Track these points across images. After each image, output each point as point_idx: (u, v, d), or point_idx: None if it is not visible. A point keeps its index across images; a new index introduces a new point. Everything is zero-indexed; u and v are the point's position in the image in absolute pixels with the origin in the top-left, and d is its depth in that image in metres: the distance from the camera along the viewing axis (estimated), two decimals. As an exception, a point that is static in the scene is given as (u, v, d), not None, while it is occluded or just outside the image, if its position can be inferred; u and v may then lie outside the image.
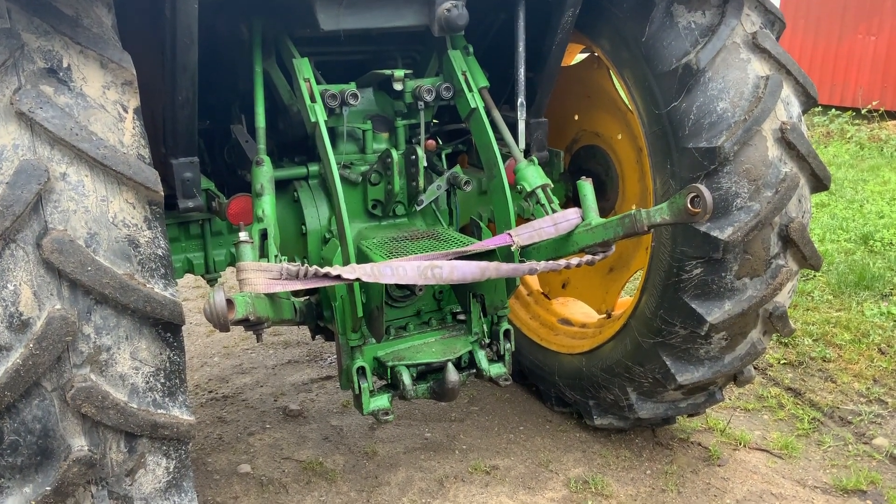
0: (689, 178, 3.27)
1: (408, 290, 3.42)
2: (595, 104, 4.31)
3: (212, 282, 3.59)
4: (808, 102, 3.45)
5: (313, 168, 3.51)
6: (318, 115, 3.09)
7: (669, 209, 2.75)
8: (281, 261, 2.88)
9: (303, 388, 4.89)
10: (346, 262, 3.03)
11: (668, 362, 3.59)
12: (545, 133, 3.94)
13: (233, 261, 3.56)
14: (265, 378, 5.06)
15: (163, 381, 2.38)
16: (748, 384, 3.99)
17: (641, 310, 3.67)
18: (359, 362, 3.19)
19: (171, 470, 2.49)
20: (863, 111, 12.07)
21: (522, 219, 4.03)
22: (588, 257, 3.08)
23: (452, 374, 3.18)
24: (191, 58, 2.83)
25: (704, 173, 3.23)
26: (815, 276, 6.32)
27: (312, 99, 3.12)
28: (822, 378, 4.88)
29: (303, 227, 3.47)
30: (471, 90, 3.42)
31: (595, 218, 3.14)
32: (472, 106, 3.40)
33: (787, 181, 3.25)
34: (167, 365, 2.39)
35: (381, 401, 3.19)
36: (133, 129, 2.40)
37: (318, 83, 3.28)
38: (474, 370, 3.39)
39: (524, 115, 3.61)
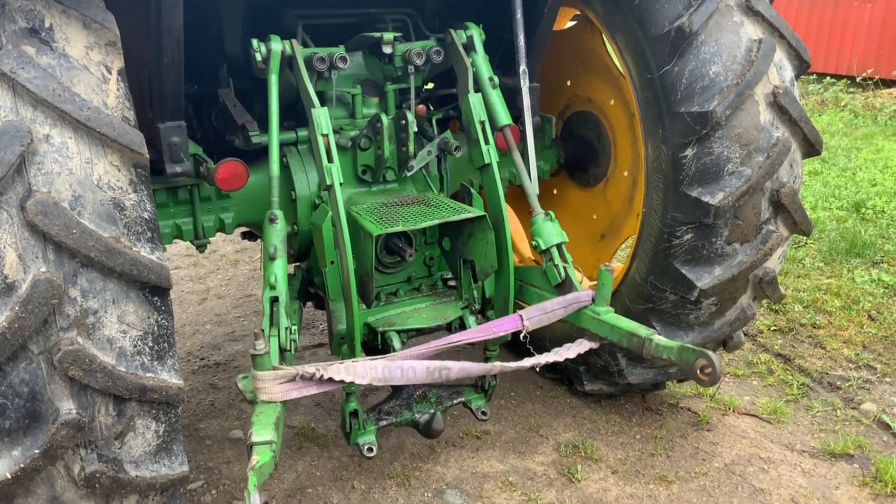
0: (680, 143, 3.25)
1: (398, 257, 3.42)
2: (587, 69, 4.28)
3: (201, 247, 3.57)
4: (802, 67, 3.42)
5: (302, 133, 3.48)
6: (335, 177, 2.99)
7: (679, 356, 2.84)
8: (292, 329, 2.93)
9: (295, 356, 4.88)
10: (337, 225, 3.00)
11: (658, 328, 3.58)
12: (537, 98, 3.91)
13: (221, 227, 3.54)
14: (257, 345, 5.05)
15: (151, 344, 2.37)
16: (738, 350, 4.01)
17: (632, 276, 3.67)
18: (353, 406, 3.25)
19: (160, 433, 2.49)
20: (858, 79, 12.03)
21: (513, 185, 4.03)
22: (587, 345, 3.21)
23: (439, 424, 3.34)
24: (176, 19, 2.78)
25: (696, 138, 3.21)
26: (806, 243, 6.34)
27: (329, 158, 3.02)
28: (811, 344, 4.91)
29: (292, 192, 3.45)
30: (487, 142, 3.33)
31: (605, 311, 3.19)
32: (487, 161, 3.33)
33: (779, 146, 3.24)
34: (155, 328, 2.38)
35: (368, 436, 3.30)
36: (117, 90, 2.36)
37: (307, 46, 3.24)
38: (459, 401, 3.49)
39: (527, 82, 3.58)
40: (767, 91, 3.24)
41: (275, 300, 2.91)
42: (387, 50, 3.34)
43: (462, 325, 3.41)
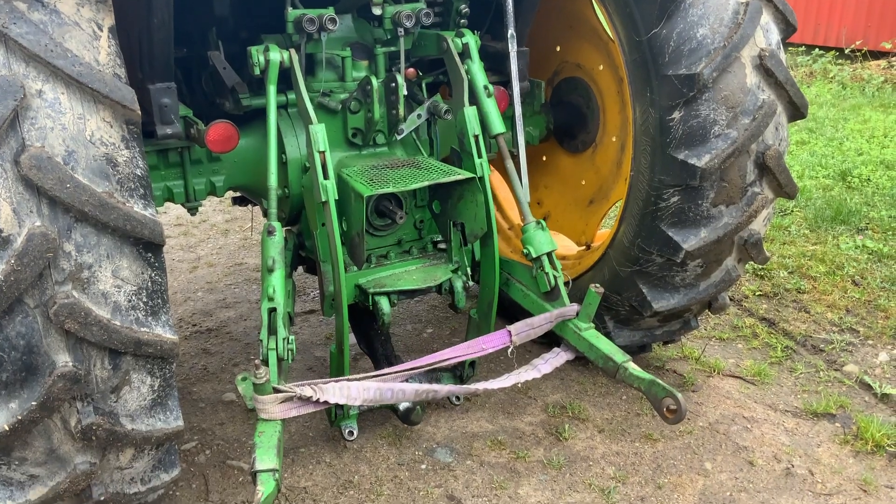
0: (668, 106, 3.28)
1: (389, 219, 3.45)
2: (577, 35, 4.29)
3: (192, 210, 3.59)
4: (788, 30, 3.45)
5: (292, 96, 3.49)
6: (330, 194, 3.01)
7: (648, 390, 3.02)
8: (289, 340, 2.99)
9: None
10: (318, 188, 3.03)
11: (644, 290, 3.65)
12: (526, 63, 3.93)
13: (212, 190, 3.56)
14: (249, 312, 5.10)
15: (145, 299, 2.41)
16: (723, 312, 4.07)
17: (619, 239, 3.72)
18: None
19: (155, 388, 2.53)
20: (846, 51, 12.06)
21: (492, 164, 4.05)
22: (563, 357, 3.36)
23: (417, 417, 3.46)
24: None
25: (683, 101, 3.25)
26: (792, 211, 6.41)
27: (325, 175, 3.02)
28: (796, 308, 4.99)
29: (283, 156, 3.47)
30: (480, 156, 3.35)
31: (587, 328, 3.32)
32: (479, 174, 3.33)
33: (765, 108, 3.28)
34: (149, 284, 2.41)
35: (351, 421, 3.54)
36: (108, 47, 2.38)
37: (296, 8, 3.25)
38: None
39: (515, 46, 3.59)
40: (754, 54, 3.27)
41: (273, 311, 2.96)
42: (376, 11, 3.35)
43: (451, 288, 3.46)
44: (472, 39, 3.47)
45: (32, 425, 2.30)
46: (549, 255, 3.38)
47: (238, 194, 4.25)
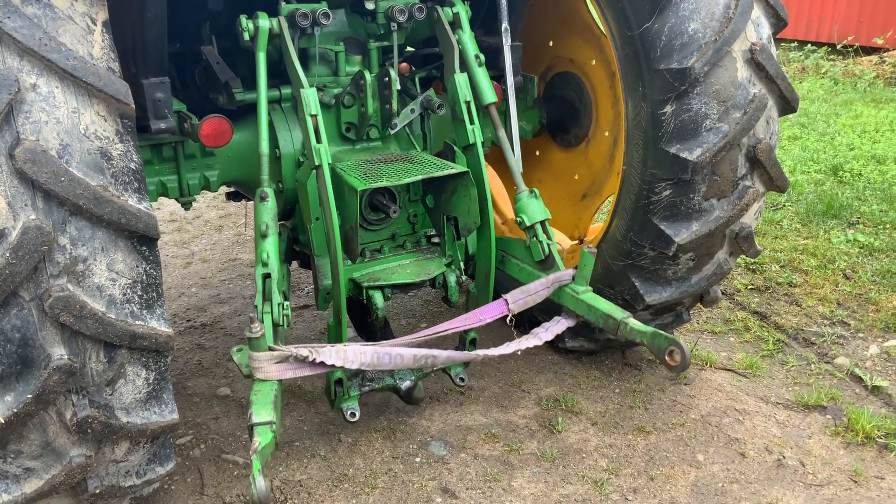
0: (660, 100, 3.30)
1: (383, 213, 3.46)
2: (570, 30, 4.31)
3: (186, 204, 3.60)
4: (779, 24, 3.47)
5: (286, 91, 3.50)
6: (323, 158, 3.03)
7: (651, 341, 2.98)
8: (284, 305, 2.98)
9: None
10: (322, 185, 3.05)
11: (637, 283, 3.67)
12: (519, 58, 3.94)
13: (206, 184, 3.56)
14: (243, 307, 5.11)
15: (140, 293, 2.42)
16: (715, 305, 4.10)
17: (612, 233, 3.74)
18: (338, 374, 3.33)
19: (150, 381, 2.54)
20: (838, 46, 12.10)
21: (495, 146, 4.07)
22: (564, 324, 3.36)
23: (420, 392, 3.48)
24: None
25: (675, 95, 3.27)
26: (784, 205, 6.44)
27: (318, 139, 3.05)
28: (787, 302, 5.02)
29: (277, 150, 3.48)
30: (472, 122, 3.37)
31: (584, 290, 3.31)
32: (472, 141, 3.37)
33: (756, 102, 3.30)
34: (144, 277, 2.42)
35: (352, 402, 3.43)
36: (102, 41, 2.39)
37: (289, 2, 3.26)
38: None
39: (509, 40, 3.60)
40: (745, 48, 3.29)
41: (267, 276, 2.96)
42: (369, 6, 3.36)
43: (445, 281, 3.47)
44: (462, 9, 3.49)
45: (28, 418, 2.31)
46: (542, 223, 3.39)
47: (232, 189, 4.26)
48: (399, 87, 3.44)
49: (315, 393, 4.08)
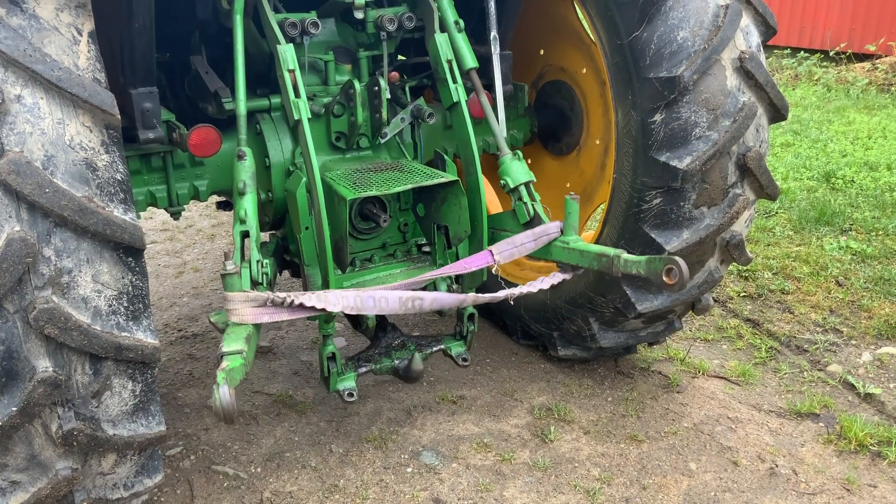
0: (649, 108, 3.30)
1: (373, 223, 3.45)
2: (560, 38, 4.31)
3: (175, 214, 3.59)
4: (768, 32, 3.48)
5: (276, 100, 3.50)
6: (302, 112, 3.04)
7: (647, 267, 2.87)
8: (263, 263, 2.92)
9: (272, 326, 4.93)
10: (312, 192, 3.04)
11: (628, 292, 3.66)
12: (509, 66, 3.94)
13: (196, 194, 3.55)
14: (235, 316, 5.08)
15: (126, 304, 2.41)
16: (706, 313, 4.09)
17: (603, 241, 3.72)
18: (330, 349, 3.29)
19: (137, 393, 2.53)
20: (831, 53, 12.14)
21: (486, 154, 4.07)
22: (560, 277, 3.21)
23: (418, 364, 3.36)
24: None
25: (664, 103, 3.27)
26: (777, 212, 6.44)
27: (297, 93, 3.06)
28: (780, 309, 5.02)
29: (266, 159, 3.47)
30: (455, 81, 3.37)
31: (574, 239, 3.22)
32: (455, 99, 3.36)
33: (745, 110, 3.30)
34: (129, 289, 2.41)
35: (348, 382, 3.34)
36: (88, 52, 2.38)
37: (278, 12, 3.25)
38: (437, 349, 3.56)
39: (497, 49, 3.60)
40: (734, 56, 3.29)
41: (245, 234, 2.94)
42: (358, 15, 3.36)
43: (435, 290, 3.46)
44: None
45: (13, 431, 2.29)
46: (526, 185, 3.35)
47: (223, 199, 4.24)
48: (389, 96, 3.43)
49: (306, 404, 4.06)
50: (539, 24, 4.38)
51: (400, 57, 4.06)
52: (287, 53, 3.06)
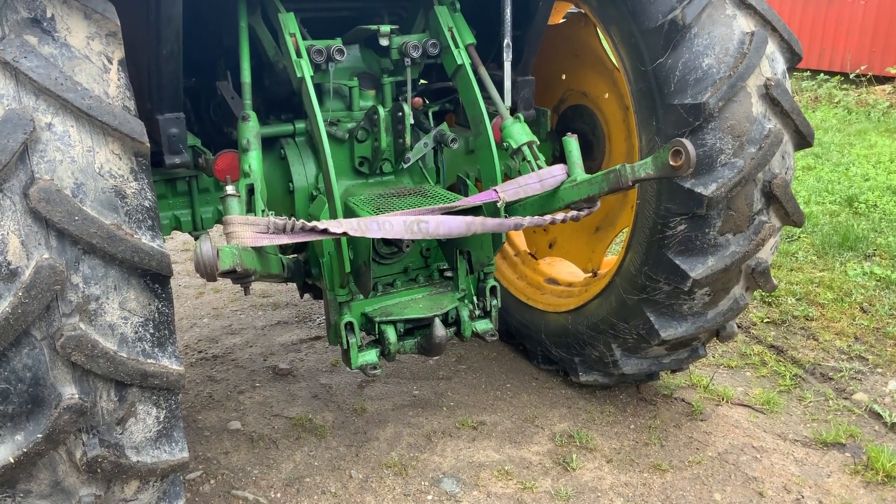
0: (674, 134, 3.29)
1: (395, 248, 3.44)
2: (582, 63, 4.31)
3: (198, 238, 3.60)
4: (793, 59, 3.46)
5: (300, 125, 3.51)
6: (305, 70, 3.09)
7: (653, 164, 2.78)
8: (268, 215, 2.89)
9: (292, 349, 4.93)
10: (333, 217, 3.05)
11: (651, 318, 3.63)
12: (532, 91, 3.95)
13: (220, 218, 3.57)
14: (255, 338, 5.09)
15: (152, 331, 2.41)
16: (731, 340, 4.05)
17: (626, 267, 3.71)
18: (347, 317, 3.23)
19: (161, 419, 2.52)
20: (851, 76, 12.08)
21: (509, 177, 4.06)
22: (573, 213, 3.12)
23: (439, 329, 3.24)
24: (175, 10, 2.82)
25: (689, 130, 3.25)
26: (799, 237, 6.39)
27: (298, 54, 3.13)
28: (804, 336, 4.96)
29: (290, 184, 3.48)
30: (457, 46, 3.42)
31: (580, 174, 3.17)
32: (459, 62, 3.41)
33: (771, 137, 3.28)
34: (156, 315, 2.41)
35: (370, 356, 3.26)
36: (118, 80, 2.39)
37: (304, 39, 3.27)
38: (457, 331, 3.46)
39: (510, 56, 3.59)
40: (759, 83, 3.27)
41: (251, 188, 2.96)
42: (383, 42, 3.37)
43: (458, 316, 3.44)
44: None
45: (38, 458, 2.29)
46: (529, 145, 3.35)
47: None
48: (412, 122, 3.44)
49: (325, 428, 4.05)
50: (561, 49, 4.38)
51: (422, 81, 4.08)
52: (288, 20, 3.16)
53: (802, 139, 3.47)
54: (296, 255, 3.77)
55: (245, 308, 5.56)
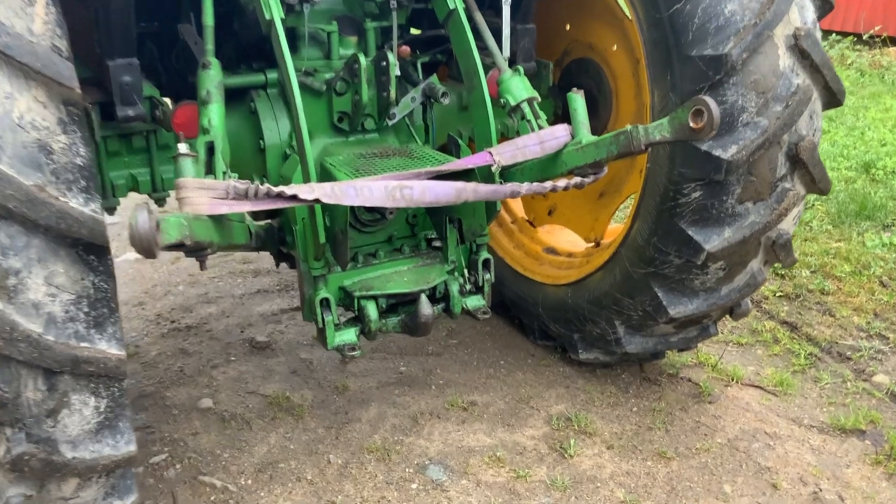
0: (690, 90, 2.94)
1: (378, 214, 3.10)
2: (589, 12, 3.95)
3: (160, 201, 3.27)
4: (825, 7, 3.11)
5: (272, 75, 3.16)
6: (274, 11, 2.70)
7: (670, 125, 2.41)
8: (230, 178, 2.54)
9: (272, 319, 4.62)
10: (305, 181, 2.71)
11: (659, 294, 3.33)
12: (532, 41, 3.61)
13: (183, 179, 3.22)
14: (232, 308, 4.77)
15: (86, 310, 2.08)
16: (744, 318, 3.73)
17: (633, 237, 3.39)
18: (322, 293, 2.91)
19: (101, 410, 2.20)
20: (864, 37, 11.65)
21: (506, 137, 3.71)
22: (577, 179, 2.77)
23: (426, 307, 2.93)
24: None
25: (708, 84, 2.90)
26: (813, 204, 6.05)
27: None
28: (819, 311, 4.65)
29: (261, 141, 3.14)
30: None
31: (586, 135, 2.81)
32: (451, 7, 3.03)
33: (799, 94, 2.94)
34: (91, 292, 2.08)
35: (348, 335, 2.96)
36: (46, 15, 2.04)
37: None
38: (445, 307, 3.13)
39: (509, 9, 3.23)
40: (788, 33, 2.92)
41: (210, 146, 2.58)
42: (366, -19, 3.01)
43: (447, 291, 3.12)
44: None
45: (-46, 455, 1.98)
46: (529, 101, 3.03)
47: None
48: (398, 73, 3.08)
49: (304, 407, 3.75)
50: (565, -4, 4.01)
51: (413, 30, 3.71)
52: None
53: (832, 97, 3.12)
54: (269, 221, 3.43)
55: (224, 275, 5.24)
